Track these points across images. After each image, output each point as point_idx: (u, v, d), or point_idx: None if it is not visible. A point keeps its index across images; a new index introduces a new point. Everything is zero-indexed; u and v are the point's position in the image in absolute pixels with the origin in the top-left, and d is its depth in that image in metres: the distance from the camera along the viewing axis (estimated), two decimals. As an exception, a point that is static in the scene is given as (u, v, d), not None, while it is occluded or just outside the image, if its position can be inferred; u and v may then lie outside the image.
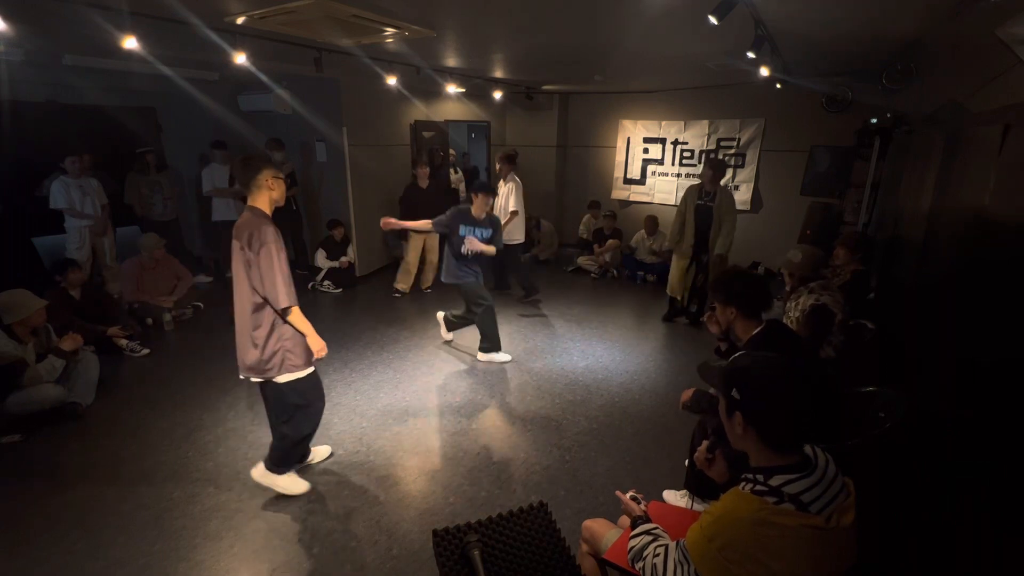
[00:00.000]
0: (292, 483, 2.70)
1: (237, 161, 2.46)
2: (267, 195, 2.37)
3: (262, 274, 2.30)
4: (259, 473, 2.68)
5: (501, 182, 5.80)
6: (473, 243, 3.91)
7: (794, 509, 1.12)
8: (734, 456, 1.54)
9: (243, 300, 2.40)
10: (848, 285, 3.15)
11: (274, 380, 2.49)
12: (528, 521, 2.05)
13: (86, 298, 4.34)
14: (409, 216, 4.92)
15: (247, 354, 2.44)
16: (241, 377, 2.53)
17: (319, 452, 3.01)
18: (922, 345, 2.96)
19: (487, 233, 3.98)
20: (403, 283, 5.98)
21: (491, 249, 4.01)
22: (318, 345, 2.52)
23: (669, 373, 4.18)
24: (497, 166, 5.91)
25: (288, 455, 2.68)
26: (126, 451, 3.04)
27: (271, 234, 2.31)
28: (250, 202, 2.39)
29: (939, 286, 2.94)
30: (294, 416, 2.59)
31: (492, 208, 4.13)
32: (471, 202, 3.99)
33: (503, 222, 5.35)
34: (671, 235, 5.12)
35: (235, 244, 2.35)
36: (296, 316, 2.42)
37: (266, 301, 2.37)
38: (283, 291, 2.34)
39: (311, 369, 2.57)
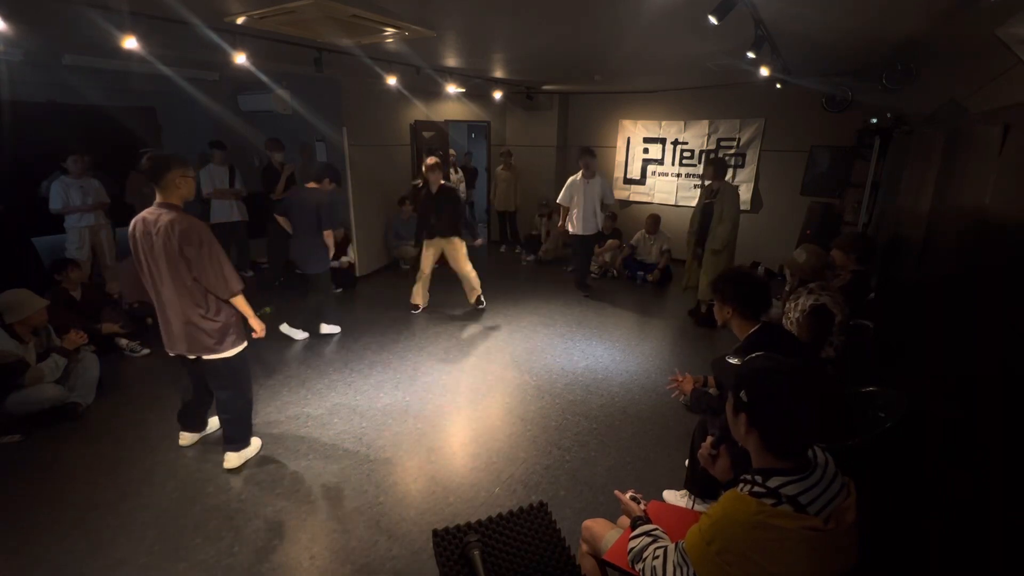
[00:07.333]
0: (256, 444, 3.01)
1: (145, 160, 2.61)
2: (176, 192, 2.51)
3: (211, 270, 2.51)
4: (233, 459, 2.87)
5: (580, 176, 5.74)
6: None
7: (792, 511, 1.12)
8: (738, 454, 1.54)
9: (179, 287, 2.53)
10: (847, 285, 3.15)
11: (217, 356, 2.66)
12: (528, 521, 2.05)
13: (86, 297, 4.34)
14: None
15: (194, 334, 2.60)
16: (171, 354, 2.70)
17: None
18: (922, 345, 2.96)
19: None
20: (419, 298, 5.42)
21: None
22: (259, 325, 2.81)
23: (669, 373, 4.15)
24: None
25: (245, 422, 2.92)
26: (126, 451, 3.04)
27: (207, 231, 2.52)
28: (164, 199, 2.50)
29: (939, 286, 2.94)
30: (238, 384, 2.82)
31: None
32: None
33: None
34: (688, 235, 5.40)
35: (157, 240, 2.43)
36: (240, 300, 2.67)
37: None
38: (233, 280, 2.61)
39: (245, 343, 2.79)
